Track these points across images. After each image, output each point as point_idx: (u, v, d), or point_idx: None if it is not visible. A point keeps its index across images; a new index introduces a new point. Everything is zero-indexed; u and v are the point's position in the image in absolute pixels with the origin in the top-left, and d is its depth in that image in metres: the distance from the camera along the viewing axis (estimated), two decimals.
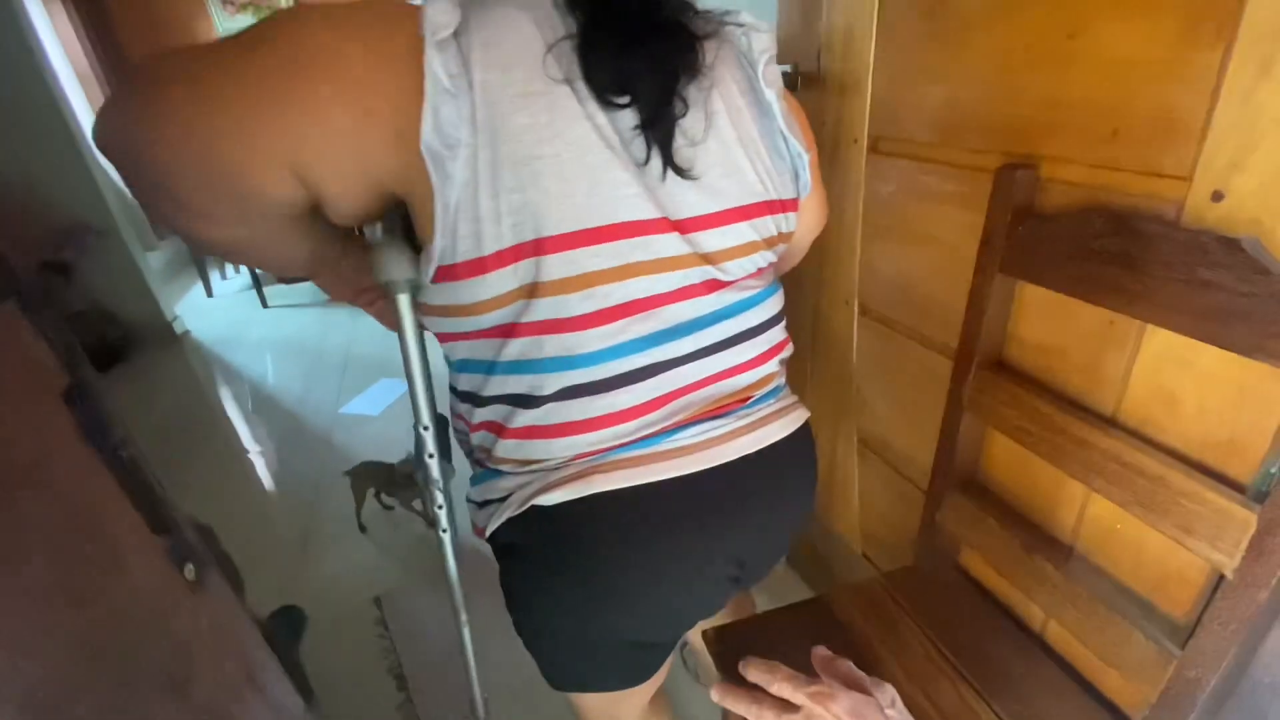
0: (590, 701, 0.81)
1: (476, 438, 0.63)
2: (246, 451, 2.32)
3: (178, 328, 3.34)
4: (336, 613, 1.55)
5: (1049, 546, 0.78)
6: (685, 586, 0.65)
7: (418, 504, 1.77)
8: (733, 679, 0.82)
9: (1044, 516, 0.80)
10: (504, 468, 0.62)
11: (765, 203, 0.60)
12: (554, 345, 0.55)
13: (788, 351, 0.71)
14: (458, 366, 0.62)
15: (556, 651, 0.71)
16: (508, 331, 0.55)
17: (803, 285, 1.16)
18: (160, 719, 0.28)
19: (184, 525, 0.32)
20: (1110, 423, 0.68)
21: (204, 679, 0.32)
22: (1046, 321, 0.74)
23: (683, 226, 0.56)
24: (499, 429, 0.60)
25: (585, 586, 0.62)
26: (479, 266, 0.51)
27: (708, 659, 0.96)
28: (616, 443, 0.59)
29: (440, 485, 0.78)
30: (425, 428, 0.71)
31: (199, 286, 3.82)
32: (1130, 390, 0.66)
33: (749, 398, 0.66)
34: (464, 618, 0.93)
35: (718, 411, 0.63)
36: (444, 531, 0.84)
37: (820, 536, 1.37)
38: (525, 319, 0.54)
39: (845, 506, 1.25)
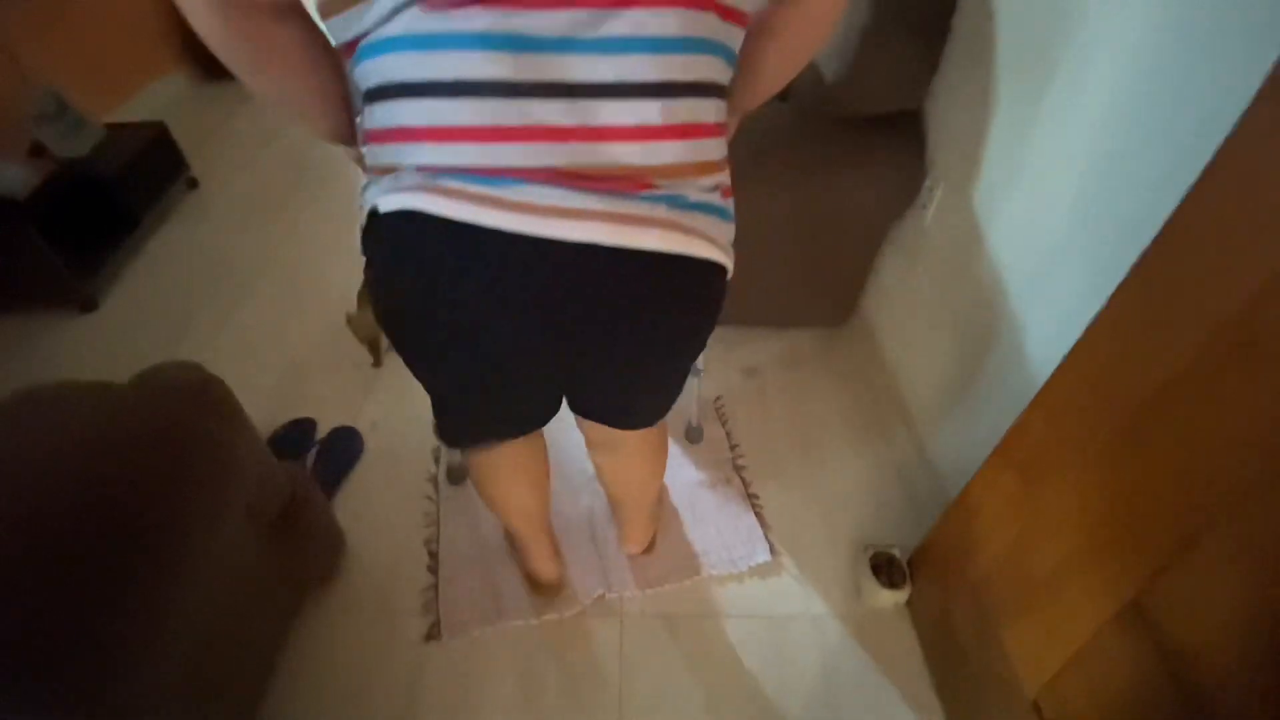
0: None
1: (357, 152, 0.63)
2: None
3: None
4: (389, 447, 1.44)
5: None
6: (494, 364, 0.63)
7: None
8: None
9: None
10: (373, 176, 0.57)
11: None
12: (400, 24, 0.48)
13: (710, 145, 0.56)
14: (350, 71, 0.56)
15: (425, 386, 0.73)
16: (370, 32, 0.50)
17: None
18: None
19: None
20: None
21: None
22: None
23: None
24: (363, 136, 0.58)
25: (405, 313, 0.61)
26: None
27: None
28: (456, 163, 0.51)
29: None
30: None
31: None
32: None
33: (645, 185, 0.53)
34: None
35: (586, 184, 0.51)
36: None
37: (982, 650, 0.97)
38: None
39: (1049, 648, 0.82)
